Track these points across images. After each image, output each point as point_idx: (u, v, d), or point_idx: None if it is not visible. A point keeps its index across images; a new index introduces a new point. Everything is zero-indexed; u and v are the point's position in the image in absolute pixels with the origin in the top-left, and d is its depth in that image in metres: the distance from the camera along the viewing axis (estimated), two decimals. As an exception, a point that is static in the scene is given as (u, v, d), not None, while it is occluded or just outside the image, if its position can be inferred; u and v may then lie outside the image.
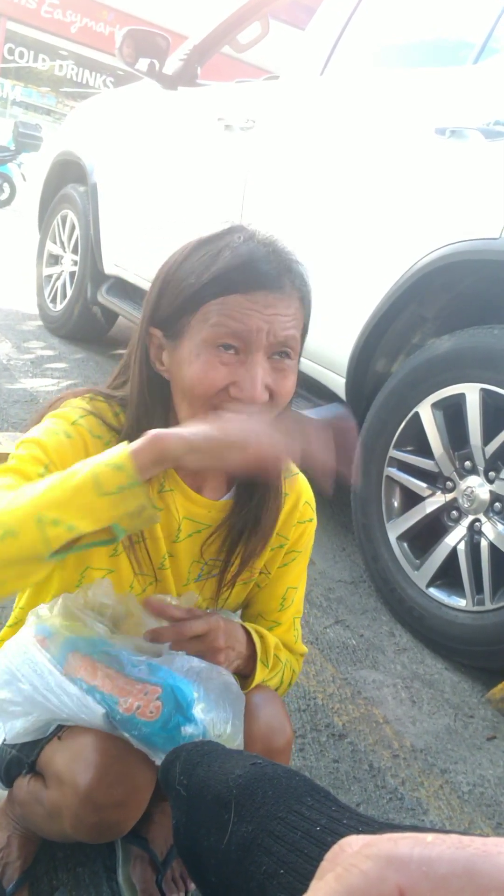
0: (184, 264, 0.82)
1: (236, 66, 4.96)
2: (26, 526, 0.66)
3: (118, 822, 0.81)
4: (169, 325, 0.82)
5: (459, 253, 1.68)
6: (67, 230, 3.62)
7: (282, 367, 0.81)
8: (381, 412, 1.90)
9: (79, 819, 0.79)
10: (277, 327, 0.78)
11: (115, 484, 0.68)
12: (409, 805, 1.30)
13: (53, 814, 0.83)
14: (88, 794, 0.77)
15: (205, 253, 0.80)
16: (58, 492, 0.68)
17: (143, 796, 0.82)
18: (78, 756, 0.80)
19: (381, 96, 2.04)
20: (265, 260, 0.79)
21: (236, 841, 0.49)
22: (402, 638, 1.83)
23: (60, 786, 0.81)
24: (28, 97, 18.50)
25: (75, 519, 0.67)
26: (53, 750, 0.85)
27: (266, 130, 2.34)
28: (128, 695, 0.78)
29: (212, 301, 0.78)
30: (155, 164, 2.96)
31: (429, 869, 0.21)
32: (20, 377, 3.01)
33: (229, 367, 0.79)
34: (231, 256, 0.78)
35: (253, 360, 0.79)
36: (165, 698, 0.77)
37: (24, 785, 0.90)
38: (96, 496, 0.67)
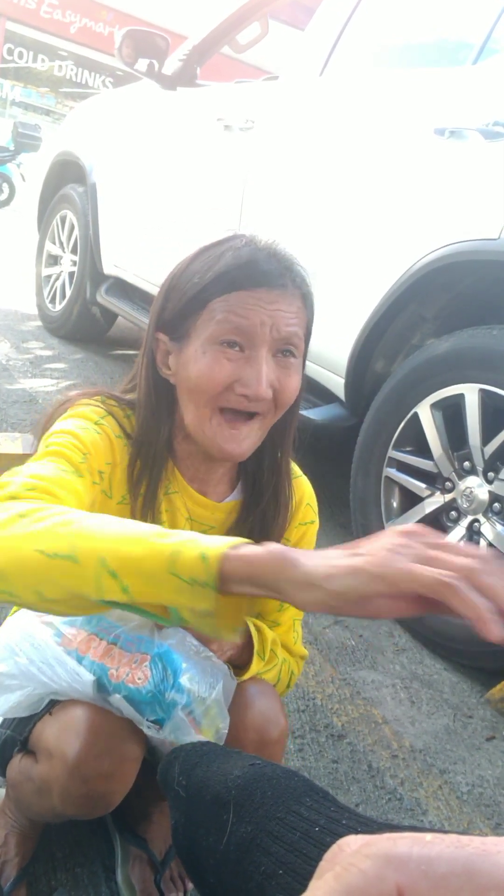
0: (187, 269, 0.84)
1: (236, 66, 4.96)
2: (89, 560, 0.59)
3: (106, 793, 0.82)
4: (174, 329, 0.84)
5: (459, 253, 1.68)
6: (66, 230, 3.62)
7: (286, 365, 0.82)
8: (381, 412, 1.90)
9: (67, 791, 0.80)
10: (280, 322, 0.79)
11: (190, 573, 0.56)
12: (408, 805, 1.30)
13: (43, 789, 0.84)
14: (76, 765, 0.79)
15: (208, 256, 0.82)
16: (132, 543, 0.59)
17: (130, 768, 0.83)
18: (67, 728, 0.81)
19: (381, 97, 2.04)
20: (266, 260, 0.81)
21: (235, 841, 0.49)
22: (401, 638, 1.83)
23: (49, 759, 0.82)
24: (27, 97, 18.50)
25: (134, 582, 0.58)
26: (44, 724, 0.86)
27: (265, 131, 2.34)
28: (118, 664, 0.80)
29: (215, 299, 0.79)
30: (154, 165, 2.96)
31: (428, 868, 0.21)
32: (19, 377, 3.01)
33: (234, 364, 0.80)
34: (233, 257, 0.80)
35: (257, 356, 0.80)
36: (153, 666, 0.79)
37: (16, 765, 0.91)
38: (165, 571, 0.57)
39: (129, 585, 0.58)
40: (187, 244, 0.88)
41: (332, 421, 2.07)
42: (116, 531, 0.60)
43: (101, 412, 0.86)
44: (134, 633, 0.82)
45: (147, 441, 0.87)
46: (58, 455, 0.77)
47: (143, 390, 0.88)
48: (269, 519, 0.94)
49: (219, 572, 0.55)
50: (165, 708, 0.78)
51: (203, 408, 0.82)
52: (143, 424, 0.87)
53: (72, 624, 0.84)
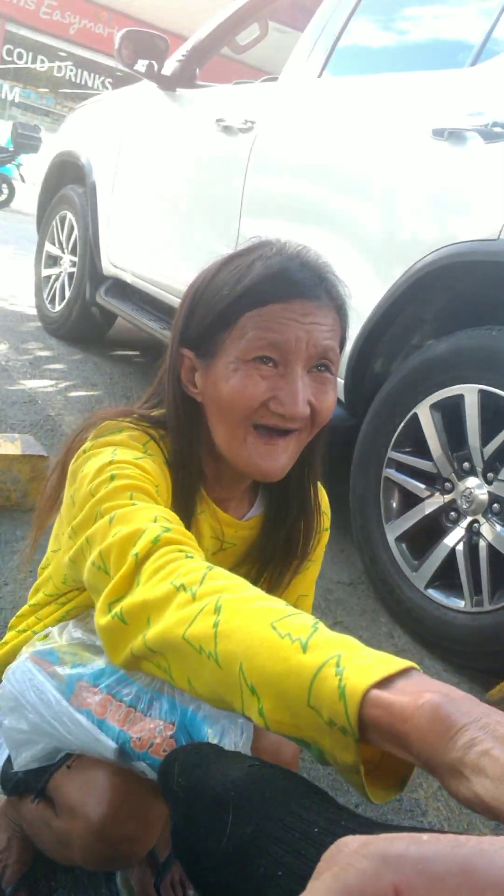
0: (214, 280, 0.79)
1: (235, 67, 4.97)
2: (231, 667, 0.52)
3: (129, 854, 0.80)
4: (201, 344, 0.79)
5: (458, 254, 1.68)
6: (66, 231, 3.62)
7: (322, 381, 0.79)
8: (380, 413, 1.90)
9: (89, 851, 0.78)
10: (317, 337, 0.76)
11: (329, 712, 0.46)
12: (407, 806, 1.30)
13: (63, 841, 0.82)
14: (101, 829, 0.76)
15: (235, 267, 0.78)
16: (273, 653, 0.51)
17: (155, 830, 0.80)
18: (90, 789, 0.78)
19: (380, 98, 2.04)
20: (299, 269, 0.77)
21: (234, 842, 0.49)
22: (400, 639, 1.83)
23: (72, 817, 0.79)
24: (27, 98, 18.50)
25: (269, 705, 0.50)
26: (64, 778, 0.83)
27: (265, 132, 2.34)
28: (140, 731, 0.76)
29: (247, 313, 0.75)
30: (154, 166, 2.96)
31: (425, 867, 0.21)
32: (19, 378, 3.01)
33: (269, 381, 0.76)
34: (263, 267, 0.76)
35: (293, 372, 0.76)
36: (179, 737, 0.75)
37: (33, 808, 0.88)
38: (304, 702, 0.48)
39: (265, 709, 0.50)
40: (187, 245, 0.88)
41: (331, 421, 2.07)
42: (258, 631, 0.53)
43: (142, 437, 0.81)
44: (151, 692, 0.78)
45: (183, 464, 0.82)
46: (135, 490, 0.71)
47: (171, 411, 0.83)
48: (295, 536, 0.92)
49: (358, 719, 0.44)
50: None
51: (236, 427, 0.78)
52: (177, 447, 0.82)
53: (81, 677, 0.79)
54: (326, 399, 0.80)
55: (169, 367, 0.83)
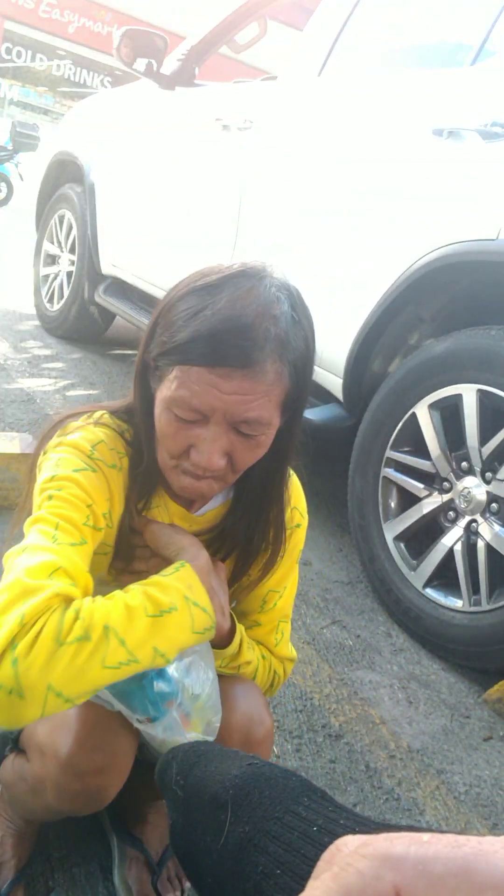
0: (174, 308, 0.78)
1: (234, 66, 4.96)
2: (145, 653, 0.70)
3: (100, 788, 0.81)
4: (155, 364, 0.81)
5: (457, 254, 1.68)
6: (65, 230, 3.61)
7: (247, 439, 0.79)
8: (379, 413, 1.90)
9: (61, 788, 0.80)
10: (237, 409, 0.75)
11: (203, 626, 0.76)
12: (405, 806, 1.30)
13: (37, 787, 0.84)
14: (69, 761, 0.79)
15: (191, 305, 0.76)
16: (170, 626, 0.72)
17: (124, 761, 0.83)
18: (58, 725, 0.81)
19: (379, 97, 2.04)
20: (241, 331, 0.72)
21: (233, 841, 0.49)
22: (398, 638, 1.83)
23: (42, 756, 0.82)
24: (25, 97, 18.49)
25: (171, 651, 0.73)
26: (35, 723, 0.84)
27: (264, 131, 2.34)
28: None
29: (178, 366, 0.76)
30: (152, 165, 2.96)
31: (425, 868, 0.21)
32: (17, 377, 3.01)
33: (189, 431, 0.78)
34: (203, 322, 0.73)
35: (210, 429, 0.77)
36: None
37: (9, 765, 0.91)
38: (190, 633, 0.74)
39: (169, 654, 0.73)
40: (185, 244, 0.87)
41: (330, 421, 2.07)
42: (146, 621, 0.71)
43: (94, 438, 0.83)
44: None
45: (142, 458, 0.85)
46: (63, 520, 0.75)
47: (137, 407, 0.86)
48: (258, 530, 0.92)
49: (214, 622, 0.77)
50: (154, 700, 0.77)
51: (168, 458, 0.81)
52: (138, 441, 0.86)
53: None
54: (248, 455, 0.80)
55: (138, 371, 0.85)
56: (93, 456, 0.82)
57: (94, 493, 0.79)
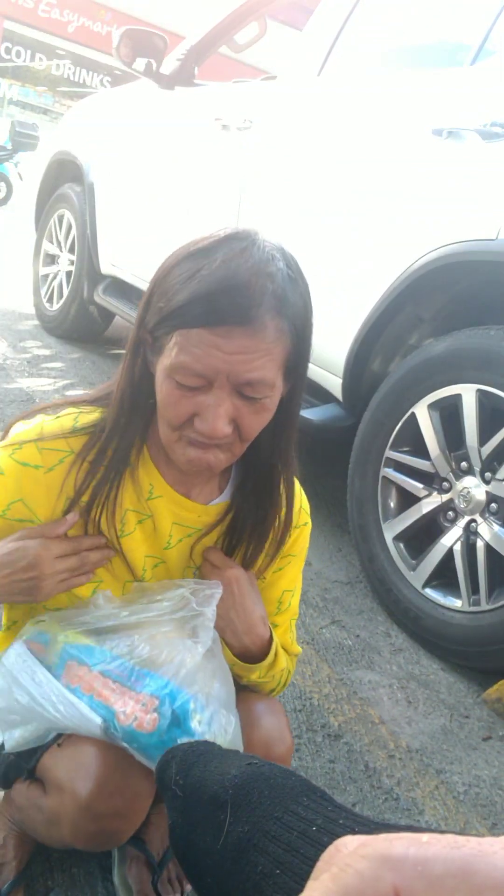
0: (169, 275, 0.77)
1: (234, 66, 4.96)
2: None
3: (117, 831, 0.81)
4: (152, 336, 0.79)
5: (457, 254, 1.68)
6: (64, 229, 3.61)
7: (252, 403, 0.77)
8: (378, 413, 1.90)
9: (78, 828, 0.79)
10: (240, 369, 0.73)
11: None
12: (404, 805, 1.30)
13: (52, 821, 0.83)
14: (88, 804, 0.77)
15: (186, 269, 0.75)
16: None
17: (142, 806, 0.81)
18: (78, 765, 0.80)
19: (379, 97, 2.04)
20: (238, 288, 0.71)
21: (232, 841, 0.49)
22: (397, 638, 1.83)
23: (60, 794, 0.81)
24: (25, 96, 18.47)
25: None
26: (53, 757, 0.84)
27: (263, 131, 2.34)
28: (125, 706, 0.78)
29: (178, 330, 0.74)
30: (152, 164, 2.96)
31: (424, 868, 0.21)
32: (16, 377, 3.01)
33: (192, 399, 0.76)
34: (200, 282, 0.72)
35: (215, 395, 0.75)
36: (162, 710, 0.76)
37: (23, 790, 0.90)
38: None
39: None
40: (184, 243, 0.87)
41: (329, 421, 2.07)
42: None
43: (17, 445, 0.83)
44: (139, 668, 0.80)
45: (114, 438, 0.83)
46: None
47: (123, 385, 0.83)
48: (262, 528, 0.91)
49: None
50: None
51: (170, 432, 0.80)
52: (112, 421, 0.83)
53: (71, 657, 0.81)
54: (255, 419, 0.78)
55: (133, 344, 0.82)
56: (13, 455, 0.83)
57: (20, 486, 0.82)
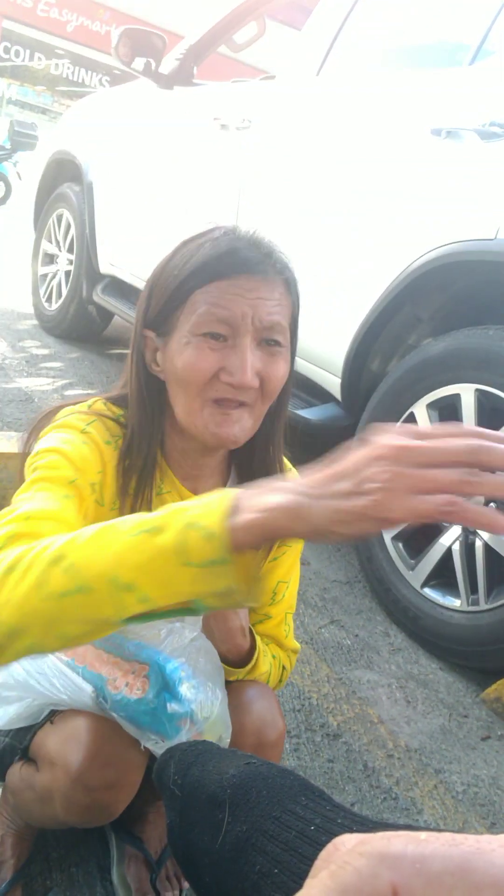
0: (168, 263, 0.84)
1: (232, 65, 4.96)
2: (100, 584, 0.56)
3: (109, 803, 0.81)
4: (160, 324, 0.83)
5: (455, 254, 1.68)
6: (63, 229, 3.61)
7: (272, 353, 0.81)
8: (377, 413, 1.90)
9: (70, 801, 0.80)
10: (262, 311, 0.79)
11: (203, 557, 0.55)
12: (403, 805, 1.30)
13: (45, 797, 0.84)
14: (79, 775, 0.78)
15: (187, 250, 0.82)
16: (138, 550, 0.57)
17: (134, 778, 0.83)
18: (69, 738, 0.81)
19: (378, 97, 2.04)
20: (246, 248, 0.81)
21: (230, 840, 0.49)
22: (396, 638, 1.83)
23: (52, 768, 0.82)
24: (24, 96, 18.45)
25: (151, 589, 0.56)
26: (45, 734, 0.85)
27: (262, 130, 2.34)
28: (116, 673, 0.79)
29: (196, 290, 0.79)
30: (151, 164, 2.96)
31: (422, 866, 0.21)
32: (15, 376, 3.01)
33: (218, 353, 0.79)
34: (212, 247, 0.80)
35: (241, 345, 0.79)
36: (153, 675, 0.78)
37: (17, 772, 0.91)
38: (179, 565, 0.55)
39: (147, 593, 0.56)
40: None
41: (328, 421, 2.07)
42: (111, 544, 0.58)
43: (87, 418, 0.84)
44: (132, 639, 0.81)
45: (139, 439, 0.85)
46: (44, 481, 0.74)
47: (134, 390, 0.87)
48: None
49: (230, 546, 0.54)
50: (167, 720, 0.77)
51: (193, 399, 0.81)
52: (134, 423, 0.86)
53: None
54: (276, 369, 0.82)
55: (133, 349, 0.87)
56: (85, 430, 0.82)
57: (80, 461, 0.78)
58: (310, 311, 0.87)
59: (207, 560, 0.54)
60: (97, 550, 0.58)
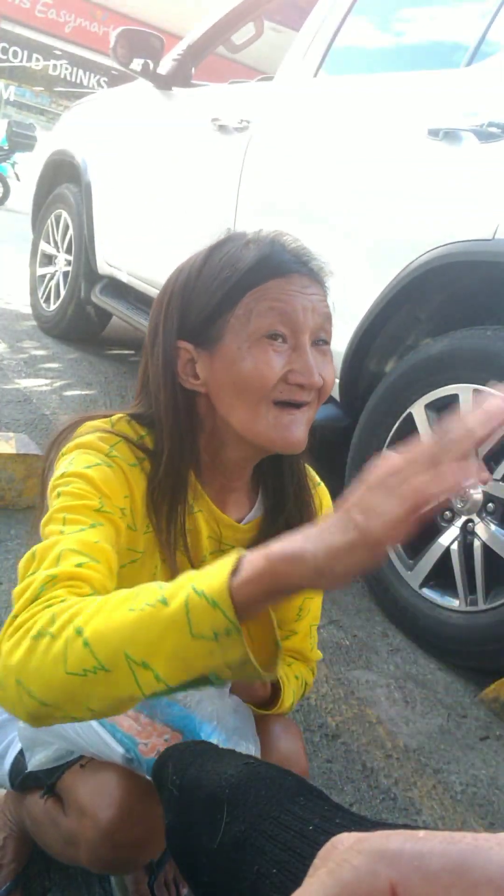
0: (204, 270, 0.80)
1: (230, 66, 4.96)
2: (117, 662, 0.56)
3: (134, 859, 0.81)
4: (201, 334, 0.79)
5: (453, 254, 1.68)
6: (61, 230, 3.61)
7: (324, 353, 0.81)
8: (375, 412, 1.90)
9: (96, 853, 0.78)
10: (319, 306, 0.79)
11: (210, 628, 0.54)
12: (402, 805, 1.30)
13: (69, 841, 0.82)
14: (109, 832, 0.76)
15: (225, 253, 0.80)
16: (147, 625, 0.56)
17: (162, 837, 0.81)
18: (101, 790, 0.79)
19: (375, 98, 2.04)
20: (289, 248, 0.80)
21: (229, 840, 0.49)
22: (395, 638, 1.83)
23: (81, 817, 0.80)
24: (22, 97, 18.45)
25: (163, 667, 0.55)
26: (75, 777, 0.83)
27: (260, 131, 2.34)
28: (148, 737, 0.77)
29: (249, 292, 0.77)
30: (149, 165, 2.96)
31: (420, 863, 0.21)
32: (14, 377, 3.01)
33: (282, 356, 0.77)
34: (257, 247, 0.79)
35: (303, 345, 0.78)
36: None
37: (41, 804, 0.88)
38: (188, 637, 0.54)
39: (160, 672, 0.55)
40: (182, 244, 0.87)
41: (326, 421, 2.07)
42: (126, 618, 0.57)
43: (112, 439, 0.80)
44: (164, 700, 0.79)
45: (172, 459, 0.81)
46: (71, 511, 0.71)
47: (164, 407, 0.82)
48: (294, 527, 0.91)
49: (234, 610, 0.53)
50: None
51: (257, 405, 0.78)
52: (168, 444, 0.81)
53: None
54: (330, 370, 0.82)
55: (163, 364, 0.81)
56: (110, 454, 0.78)
57: (106, 487, 0.75)
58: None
59: (215, 632, 0.54)
60: (114, 625, 0.57)
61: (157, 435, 0.82)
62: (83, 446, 0.78)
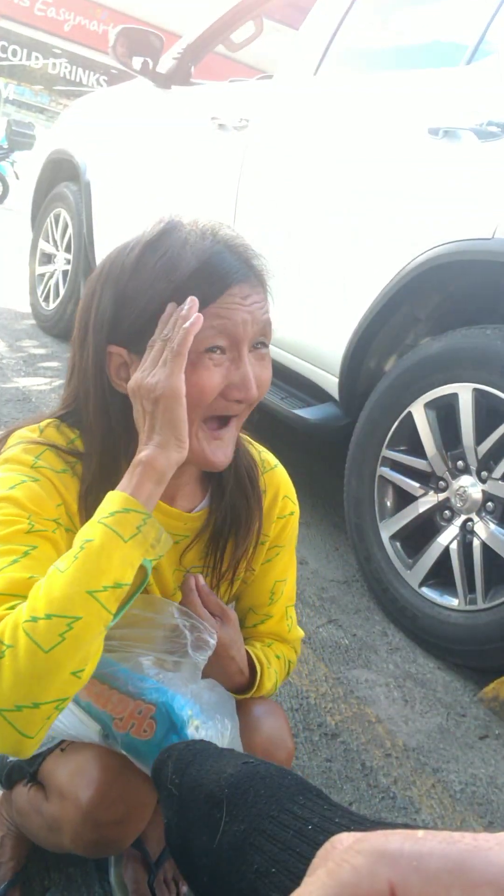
0: (138, 269, 0.77)
1: (230, 65, 4.96)
2: (82, 605, 0.65)
3: (118, 838, 0.81)
4: (136, 341, 0.76)
5: (453, 253, 1.68)
6: (60, 229, 3.61)
7: (261, 357, 0.80)
8: (375, 412, 1.90)
9: (78, 834, 0.79)
10: (258, 315, 0.77)
11: (134, 525, 0.69)
12: (401, 804, 1.30)
13: (53, 826, 0.83)
14: (90, 811, 0.77)
15: (161, 255, 0.76)
16: (88, 562, 0.67)
17: (143, 814, 0.81)
18: (80, 771, 0.79)
19: (375, 97, 2.04)
20: (228, 254, 0.77)
21: (228, 840, 0.49)
22: (394, 637, 1.83)
23: (61, 800, 0.80)
24: (21, 95, 18.44)
25: (117, 574, 0.67)
26: (55, 761, 0.84)
27: (260, 130, 2.34)
28: (123, 712, 0.78)
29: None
30: (148, 163, 2.96)
31: (419, 864, 0.21)
32: (13, 376, 3.00)
33: (221, 370, 0.76)
34: (194, 256, 0.75)
35: (241, 357, 0.76)
36: (160, 717, 0.76)
37: (24, 793, 0.89)
38: (123, 545, 0.68)
39: (117, 579, 0.67)
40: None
41: (325, 420, 2.07)
42: (67, 575, 0.66)
43: (37, 449, 0.78)
44: (136, 675, 0.79)
45: (104, 464, 0.79)
46: (3, 541, 0.71)
47: (93, 411, 0.80)
48: (240, 514, 0.90)
49: (143, 504, 0.71)
50: None
51: (193, 418, 0.76)
52: (99, 447, 0.80)
53: None
54: (266, 375, 0.81)
55: (92, 366, 0.79)
56: (35, 465, 0.77)
57: (34, 505, 0.74)
58: (308, 311, 0.86)
59: (137, 526, 0.69)
60: (60, 586, 0.65)
61: (86, 438, 0.81)
62: (8, 461, 0.77)
